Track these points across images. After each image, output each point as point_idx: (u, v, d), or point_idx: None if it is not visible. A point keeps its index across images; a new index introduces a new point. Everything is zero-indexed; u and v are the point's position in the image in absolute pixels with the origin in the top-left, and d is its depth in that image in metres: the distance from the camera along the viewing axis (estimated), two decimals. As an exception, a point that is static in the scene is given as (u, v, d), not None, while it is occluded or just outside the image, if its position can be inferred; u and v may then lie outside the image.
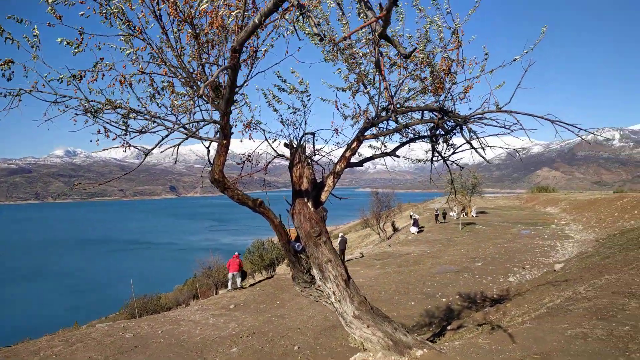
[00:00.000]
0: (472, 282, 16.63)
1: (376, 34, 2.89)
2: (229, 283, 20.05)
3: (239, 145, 4.75)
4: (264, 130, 4.52)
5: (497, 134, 5.03)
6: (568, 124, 4.67)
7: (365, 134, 4.61)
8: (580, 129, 4.67)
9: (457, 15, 4.55)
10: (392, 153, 4.88)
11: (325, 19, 3.81)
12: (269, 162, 4.48)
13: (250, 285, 20.54)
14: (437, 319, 12.11)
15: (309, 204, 4.24)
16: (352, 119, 5.01)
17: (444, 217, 38.92)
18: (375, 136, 4.69)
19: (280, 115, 4.67)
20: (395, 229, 43.36)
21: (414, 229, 33.32)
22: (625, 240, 15.61)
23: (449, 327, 9.73)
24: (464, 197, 45.59)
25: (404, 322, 12.18)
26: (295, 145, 4.52)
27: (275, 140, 4.64)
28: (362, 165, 5.10)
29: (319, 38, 2.45)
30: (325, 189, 4.48)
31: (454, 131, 4.91)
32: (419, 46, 4.32)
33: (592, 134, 5.05)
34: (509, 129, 4.65)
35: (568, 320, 4.51)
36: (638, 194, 41.72)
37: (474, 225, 33.57)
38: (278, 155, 4.60)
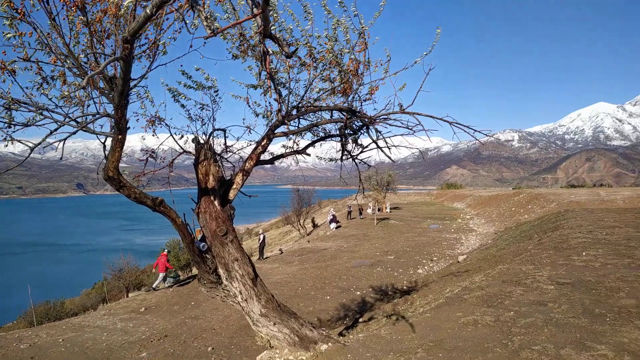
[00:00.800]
0: (384, 275, 17.37)
1: (261, 31, 2.90)
2: (160, 283, 19.15)
3: (153, 141, 4.52)
4: (169, 125, 4.34)
5: (402, 134, 5.28)
6: (464, 126, 5.03)
7: (276, 131, 4.62)
8: (475, 130, 5.05)
9: (362, 17, 4.71)
10: (303, 151, 4.94)
11: (228, 13, 3.74)
12: (174, 159, 4.31)
13: (178, 284, 19.66)
14: (351, 312, 12.49)
15: (216, 203, 4.15)
16: (264, 116, 4.99)
17: (360, 214, 40.06)
18: (285, 134, 4.71)
19: (188, 111, 4.52)
20: (315, 225, 43.99)
21: (332, 225, 34.02)
22: (519, 233, 17.23)
23: (361, 319, 10.09)
24: (379, 193, 47.48)
25: (319, 317, 12.41)
26: (202, 142, 4.39)
27: (182, 136, 4.47)
28: (273, 163, 5.10)
29: (211, 33, 2.40)
30: (234, 186, 4.42)
31: (362, 131, 5.08)
32: (327, 46, 4.41)
33: (486, 135, 5.45)
34: (411, 129, 4.89)
35: (462, 309, 4.89)
36: (532, 190, 46.20)
37: (388, 221, 35.03)
38: (185, 151, 4.44)
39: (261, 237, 25.18)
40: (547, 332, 4.08)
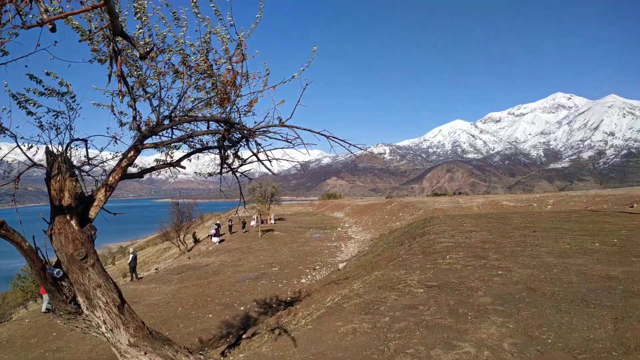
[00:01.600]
0: (269, 287, 17.27)
1: (111, 30, 2.67)
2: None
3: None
4: (14, 135, 3.72)
5: (283, 147, 5.27)
6: (340, 140, 5.19)
7: (145, 142, 4.26)
8: (350, 144, 5.24)
9: (242, 29, 4.62)
10: (177, 164, 4.63)
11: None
12: (21, 173, 3.70)
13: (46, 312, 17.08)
14: (235, 329, 12.13)
15: (73, 222, 3.64)
16: (131, 128, 4.59)
17: (243, 227, 39.31)
18: (156, 145, 4.37)
19: (39, 119, 3.93)
20: (196, 241, 42.17)
21: (215, 239, 32.94)
22: (392, 239, 18.50)
23: (244, 336, 9.83)
24: (264, 205, 47.44)
25: (201, 337, 11.82)
26: (56, 153, 3.84)
27: (31, 146, 3.88)
28: (143, 177, 4.69)
29: (50, 28, 2.10)
30: (95, 203, 3.94)
31: (241, 143, 4.96)
32: (200, 55, 4.23)
33: (360, 149, 5.69)
34: (291, 142, 4.91)
35: (342, 318, 5.02)
36: (402, 199, 50.10)
37: (273, 232, 35.08)
38: (35, 164, 3.85)
39: (131, 256, 23.30)
40: (419, 334, 4.37)
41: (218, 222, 38.65)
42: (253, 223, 42.67)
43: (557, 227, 12.36)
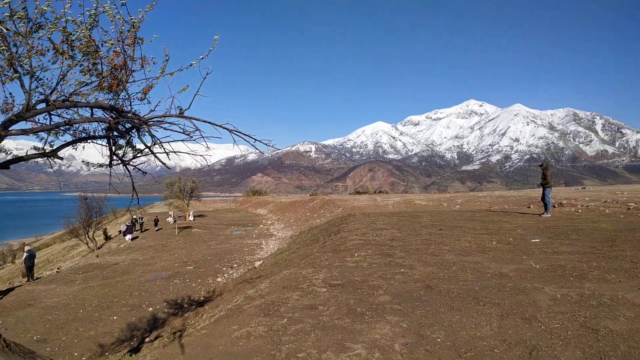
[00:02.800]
0: (182, 286, 16.58)
1: None
2: None
3: None
4: None
5: (183, 140, 4.96)
6: (245, 134, 4.99)
7: (11, 128, 3.76)
8: (256, 140, 5.05)
9: (140, 11, 4.26)
10: (53, 154, 4.15)
11: None
12: None
13: None
14: (140, 331, 11.46)
15: None
16: (2, 111, 4.04)
17: (156, 224, 36.83)
18: (24, 132, 3.88)
19: None
20: (107, 238, 39.52)
21: (128, 237, 31.05)
22: (310, 236, 18.58)
23: (147, 339, 9.29)
24: (182, 201, 45.68)
25: (101, 341, 11.03)
26: None
27: None
28: (8, 167, 4.15)
29: None
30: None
31: (131, 133, 4.58)
32: (81, 32, 3.81)
33: (266, 145, 5.50)
34: (189, 135, 4.62)
35: (240, 320, 4.82)
36: (325, 197, 50.77)
37: (191, 229, 33.86)
38: None
39: (25, 254, 21.12)
40: (314, 336, 4.30)
41: (136, 217, 36.38)
42: (170, 220, 40.92)
43: (461, 226, 13.10)
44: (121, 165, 5.07)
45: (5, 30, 3.52)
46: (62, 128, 4.10)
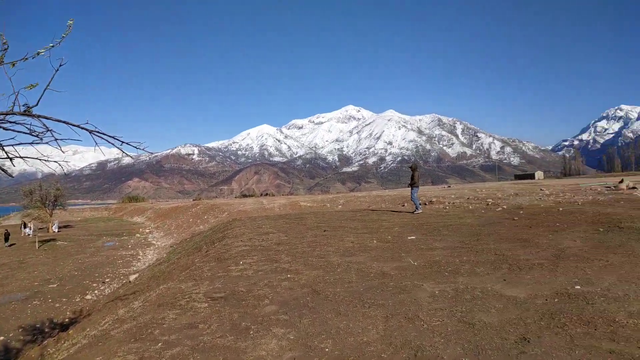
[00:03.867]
0: (43, 308, 14.57)
1: None
2: None
3: None
4: None
5: (32, 142, 4.23)
6: (109, 136, 4.43)
7: None
8: (123, 142, 4.52)
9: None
10: None
11: None
12: None
13: None
14: (-14, 367, 9.73)
15: None
16: None
17: (7, 240, 30.98)
18: None
19: None
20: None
21: (-28, 254, 26.45)
22: (192, 245, 17.70)
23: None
24: (44, 211, 40.56)
25: None
26: None
27: None
28: None
29: None
30: None
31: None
32: None
33: (136, 147, 4.97)
34: (37, 136, 3.96)
35: (105, 349, 4.17)
36: (209, 201, 49.10)
37: (55, 242, 30.12)
38: None
39: None
40: (192, 361, 3.92)
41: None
42: (28, 232, 36.00)
43: (344, 226, 13.53)
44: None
45: None
46: None
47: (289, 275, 7.10)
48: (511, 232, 10.04)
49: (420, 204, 17.26)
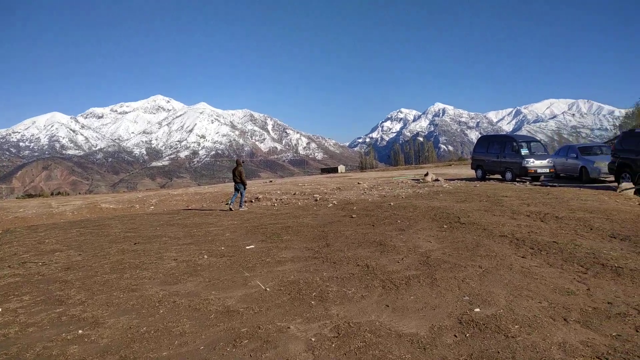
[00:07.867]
0: None
1: None
2: None
3: None
4: None
5: None
6: None
7: None
8: None
9: None
10: None
11: None
12: None
13: None
14: None
15: None
16: None
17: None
18: None
19: None
20: None
21: None
22: None
23: None
24: None
25: None
26: None
27: None
28: None
29: None
30: None
31: None
32: None
33: None
34: None
35: None
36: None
37: None
38: None
39: None
40: None
41: None
42: None
43: (161, 235, 10.89)
44: None
45: None
46: None
47: (80, 332, 4.51)
48: (358, 234, 9.09)
49: (245, 202, 15.93)
